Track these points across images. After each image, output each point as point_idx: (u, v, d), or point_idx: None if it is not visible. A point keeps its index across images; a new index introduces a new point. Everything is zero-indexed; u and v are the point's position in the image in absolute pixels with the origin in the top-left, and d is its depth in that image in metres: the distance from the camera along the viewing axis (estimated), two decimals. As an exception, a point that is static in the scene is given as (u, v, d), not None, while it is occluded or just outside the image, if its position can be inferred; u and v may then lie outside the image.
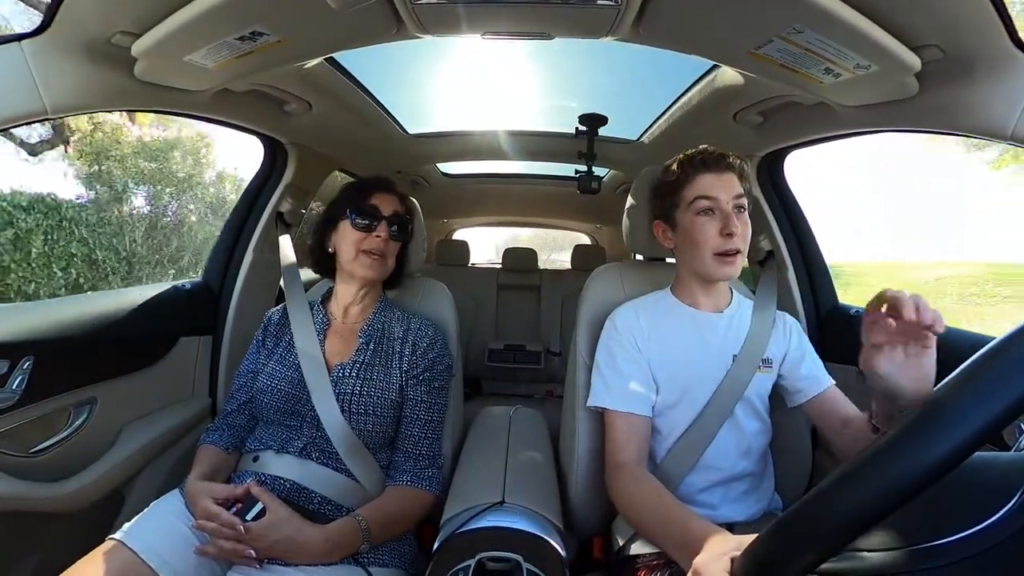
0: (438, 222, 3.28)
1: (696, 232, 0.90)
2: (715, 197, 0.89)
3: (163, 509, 0.89)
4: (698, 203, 0.90)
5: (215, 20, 0.75)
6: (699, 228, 0.89)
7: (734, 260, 0.89)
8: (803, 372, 0.95)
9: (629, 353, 0.93)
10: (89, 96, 0.83)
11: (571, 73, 1.51)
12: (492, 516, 0.85)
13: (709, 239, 0.89)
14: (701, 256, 0.90)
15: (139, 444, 1.13)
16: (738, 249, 0.88)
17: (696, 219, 0.90)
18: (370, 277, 1.02)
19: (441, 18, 0.83)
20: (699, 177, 0.90)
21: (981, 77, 0.73)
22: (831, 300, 1.32)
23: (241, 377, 1.06)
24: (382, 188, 1.07)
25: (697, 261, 0.92)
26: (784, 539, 0.40)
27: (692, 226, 0.91)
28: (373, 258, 1.01)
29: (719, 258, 0.89)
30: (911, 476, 0.33)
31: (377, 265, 1.02)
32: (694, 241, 0.90)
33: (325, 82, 1.17)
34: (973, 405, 0.33)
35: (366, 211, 1.02)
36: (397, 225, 1.05)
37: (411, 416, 1.00)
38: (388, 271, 1.06)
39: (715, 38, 0.86)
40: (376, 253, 1.01)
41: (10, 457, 0.91)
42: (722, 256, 0.88)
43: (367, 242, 1.01)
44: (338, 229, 1.05)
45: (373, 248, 1.01)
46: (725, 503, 0.91)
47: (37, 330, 0.94)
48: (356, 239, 1.01)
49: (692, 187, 0.91)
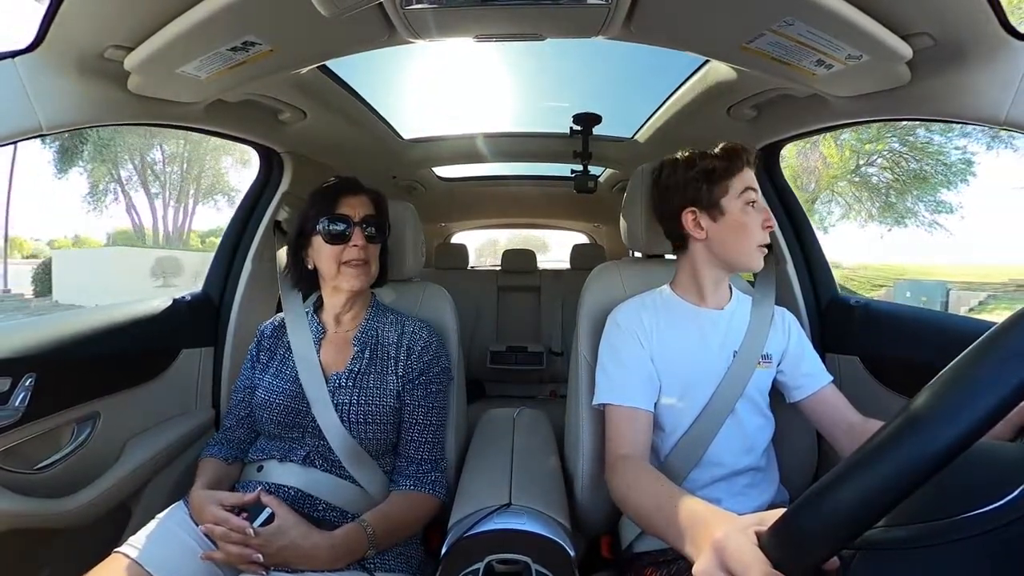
0: (436, 226, 3.29)
1: (748, 223, 0.91)
2: (757, 189, 0.93)
3: (168, 521, 0.89)
4: (748, 194, 0.92)
5: (207, 31, 0.75)
6: (751, 219, 0.91)
7: (764, 252, 0.93)
8: (803, 369, 0.96)
9: (632, 348, 0.93)
10: (83, 111, 0.83)
11: (564, 73, 1.51)
12: (500, 518, 0.84)
13: (756, 231, 0.91)
14: (747, 246, 0.92)
15: (143, 458, 1.13)
16: (769, 243, 0.93)
17: (747, 209, 0.92)
18: (357, 288, 0.99)
19: (432, 23, 0.83)
20: (745, 170, 0.93)
21: (972, 63, 0.73)
22: (831, 291, 1.32)
23: (238, 393, 1.05)
24: (348, 190, 1.01)
25: (737, 252, 0.93)
26: (819, 512, 0.38)
27: (744, 216, 0.92)
28: (356, 268, 0.98)
29: (760, 250, 0.92)
30: (956, 433, 0.33)
31: (361, 274, 0.99)
32: (744, 231, 0.91)
33: (319, 90, 1.18)
34: (1000, 371, 0.34)
35: (337, 220, 0.98)
36: (372, 227, 1.00)
37: (411, 421, 0.99)
38: (375, 275, 1.03)
39: (706, 34, 0.86)
40: (357, 262, 0.98)
41: (14, 474, 0.91)
42: (761, 248, 0.92)
43: (346, 253, 0.97)
44: (313, 245, 1.00)
45: (353, 259, 0.97)
46: (729, 498, 0.91)
47: (38, 346, 0.94)
48: (334, 253, 0.97)
49: (740, 178, 0.92)
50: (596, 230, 3.51)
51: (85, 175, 17.75)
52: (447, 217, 3.26)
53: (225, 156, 21.11)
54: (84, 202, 18.50)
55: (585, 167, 1.79)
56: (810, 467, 1.14)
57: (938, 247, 18.38)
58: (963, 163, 11.50)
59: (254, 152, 1.46)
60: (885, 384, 1.11)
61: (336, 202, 0.99)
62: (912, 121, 0.84)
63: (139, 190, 19.72)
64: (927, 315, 1.16)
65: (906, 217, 12.81)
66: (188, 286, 1.34)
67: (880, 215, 14.14)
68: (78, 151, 16.79)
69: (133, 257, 12.99)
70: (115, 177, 18.28)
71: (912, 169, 11.81)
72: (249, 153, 1.65)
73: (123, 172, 18.74)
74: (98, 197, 18.17)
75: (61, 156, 16.79)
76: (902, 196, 12.77)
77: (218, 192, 21.80)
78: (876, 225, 14.35)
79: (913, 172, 11.94)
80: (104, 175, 18.16)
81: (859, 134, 12.42)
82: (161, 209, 20.94)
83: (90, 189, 18.07)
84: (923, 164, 11.63)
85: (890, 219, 13.83)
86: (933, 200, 12.10)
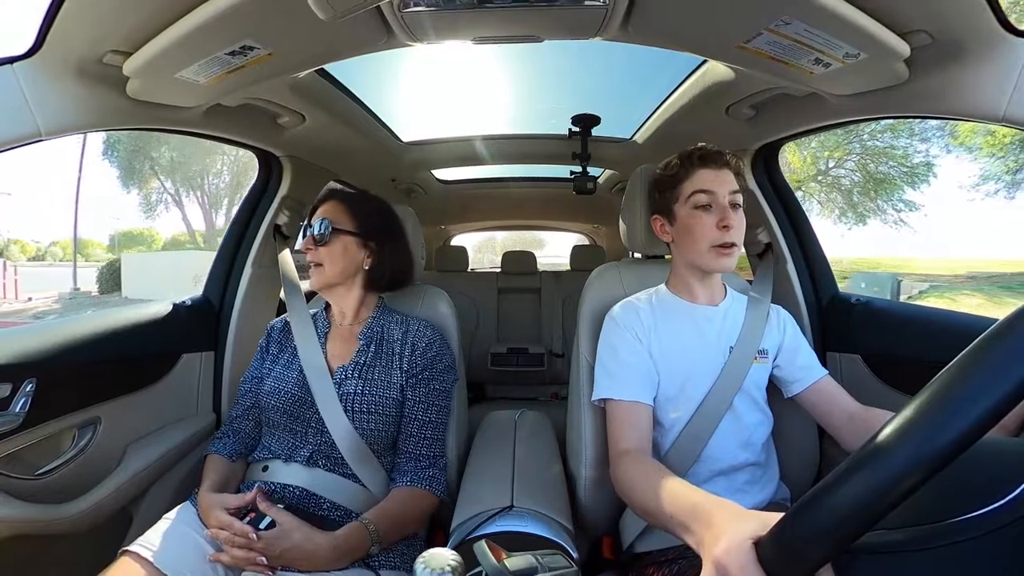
0: (436, 229, 3.29)
1: (694, 225, 0.92)
2: (712, 191, 0.91)
3: (176, 520, 0.90)
4: (696, 197, 0.92)
5: (205, 36, 0.76)
6: (697, 221, 0.92)
7: (730, 252, 0.91)
8: (799, 362, 0.97)
9: (630, 344, 0.94)
10: (82, 116, 0.83)
11: (562, 74, 1.51)
12: (502, 521, 0.84)
13: (707, 232, 0.91)
14: (699, 249, 0.92)
15: (145, 463, 1.13)
16: (734, 242, 0.90)
17: (694, 212, 0.92)
18: (315, 286, 1.06)
19: (430, 25, 0.84)
20: (697, 172, 0.93)
21: (970, 60, 0.73)
22: (831, 290, 1.32)
23: (246, 383, 1.08)
24: (321, 202, 1.09)
25: (695, 254, 0.94)
26: (817, 517, 0.37)
27: (690, 219, 0.93)
28: (313, 268, 1.05)
29: (716, 250, 0.91)
30: (955, 434, 0.33)
31: (316, 275, 1.04)
32: (692, 234, 0.92)
33: (317, 94, 1.18)
34: (1008, 362, 0.33)
35: (303, 227, 1.07)
36: (319, 230, 1.03)
37: (412, 416, 1.00)
38: (336, 277, 1.04)
39: (704, 33, 0.86)
40: (312, 264, 1.05)
41: (15, 480, 0.91)
42: (719, 248, 0.90)
43: (307, 256, 1.05)
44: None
45: (309, 260, 1.05)
46: (728, 494, 0.89)
47: (38, 352, 0.94)
48: (304, 251, 1.06)
49: (690, 182, 0.93)
50: (596, 231, 3.52)
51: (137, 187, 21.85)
52: (447, 220, 3.26)
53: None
54: (140, 210, 22.89)
55: (584, 168, 1.79)
56: (812, 465, 1.14)
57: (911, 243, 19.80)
58: (924, 166, 12.70)
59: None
60: (887, 382, 1.11)
61: (313, 214, 1.07)
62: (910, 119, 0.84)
63: (191, 199, 23.56)
64: (928, 313, 1.15)
65: (867, 216, 14.13)
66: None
67: (843, 215, 15.12)
68: (143, 169, 20.87)
69: (187, 259, 14.52)
70: (166, 189, 22.41)
71: (877, 171, 12.94)
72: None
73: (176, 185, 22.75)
74: (152, 206, 22.65)
75: (127, 173, 20.79)
76: (865, 196, 13.92)
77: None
78: (841, 224, 15.41)
79: (878, 174, 13.06)
80: (157, 187, 22.34)
81: (823, 141, 13.45)
82: (210, 215, 24.20)
83: (143, 199, 22.37)
84: (886, 167, 12.83)
85: (852, 218, 14.89)
86: (899, 200, 13.33)
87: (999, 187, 11.82)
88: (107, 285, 15.28)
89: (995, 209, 19.62)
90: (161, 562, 0.80)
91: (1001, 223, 23.41)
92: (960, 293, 10.42)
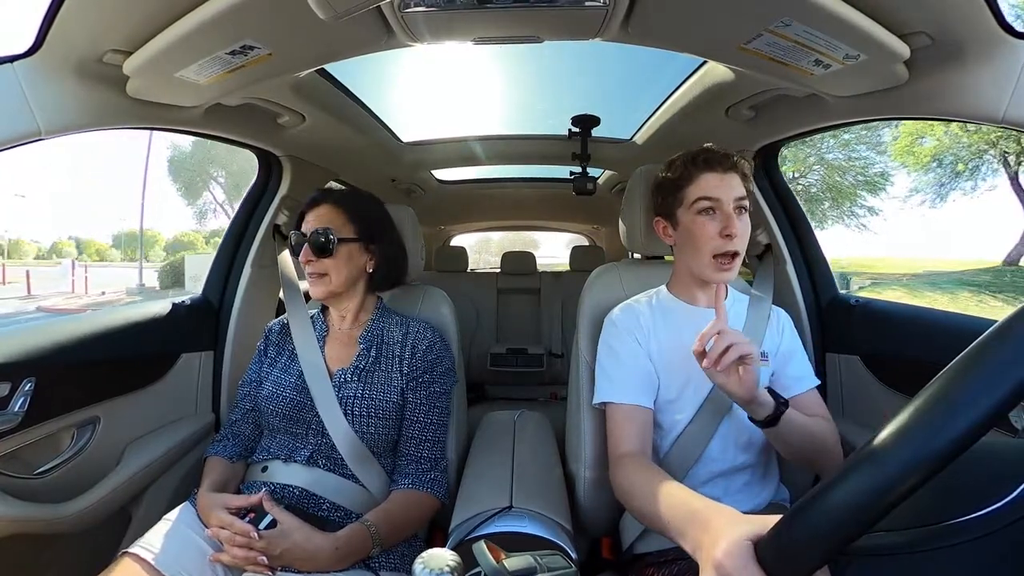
0: (435, 229, 3.29)
1: (696, 232, 0.90)
2: (717, 198, 0.88)
3: (176, 521, 0.90)
4: (700, 203, 0.89)
5: (205, 35, 0.76)
6: (700, 228, 0.89)
7: (731, 264, 0.89)
8: (790, 371, 0.95)
9: (630, 347, 0.94)
10: (82, 115, 0.83)
11: (562, 75, 1.51)
12: (501, 521, 0.84)
13: (709, 239, 0.88)
14: (700, 257, 0.90)
15: (144, 462, 1.13)
16: (736, 251, 0.88)
17: (697, 219, 0.90)
18: (320, 296, 1.02)
19: (430, 26, 0.84)
20: (702, 176, 0.90)
21: (970, 62, 0.73)
22: (831, 291, 1.32)
23: (245, 386, 1.07)
24: (312, 205, 1.04)
25: (695, 262, 0.92)
26: (815, 518, 0.37)
27: (693, 226, 0.90)
28: (315, 278, 1.01)
29: (717, 262, 0.89)
30: (953, 436, 0.32)
31: (319, 284, 1.00)
32: (694, 241, 0.90)
33: (317, 93, 1.18)
34: (1006, 364, 0.33)
35: (298, 236, 1.01)
36: (320, 239, 0.98)
37: (412, 419, 1.00)
38: (341, 287, 1.02)
39: (704, 35, 0.86)
40: (314, 274, 1.00)
41: (14, 479, 0.91)
42: (720, 259, 0.88)
43: (307, 267, 1.00)
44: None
45: (311, 271, 1.00)
46: (727, 496, 0.91)
47: (37, 351, 0.94)
48: (302, 263, 1.01)
49: (695, 186, 0.90)
50: (595, 232, 3.52)
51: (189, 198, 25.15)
52: (446, 220, 3.26)
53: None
54: (194, 218, 26.23)
55: (584, 169, 1.79)
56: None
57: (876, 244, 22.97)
58: (880, 176, 14.33)
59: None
60: (886, 383, 1.11)
61: (303, 218, 1.03)
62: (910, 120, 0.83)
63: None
64: (927, 314, 1.15)
65: (825, 222, 15.34)
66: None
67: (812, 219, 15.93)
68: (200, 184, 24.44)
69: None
70: (217, 201, 25.65)
71: (837, 182, 14.61)
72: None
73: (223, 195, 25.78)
74: (204, 212, 25.91)
75: (187, 189, 24.35)
76: (834, 203, 15.25)
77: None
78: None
79: (839, 184, 14.71)
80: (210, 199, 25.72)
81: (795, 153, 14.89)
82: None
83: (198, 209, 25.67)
84: (846, 178, 14.54)
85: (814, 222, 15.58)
86: (860, 207, 14.92)
87: (925, 198, 14.01)
88: (167, 281, 17.33)
89: (925, 218, 23.62)
90: (161, 564, 0.80)
91: (937, 229, 29.30)
92: (888, 289, 12.20)
